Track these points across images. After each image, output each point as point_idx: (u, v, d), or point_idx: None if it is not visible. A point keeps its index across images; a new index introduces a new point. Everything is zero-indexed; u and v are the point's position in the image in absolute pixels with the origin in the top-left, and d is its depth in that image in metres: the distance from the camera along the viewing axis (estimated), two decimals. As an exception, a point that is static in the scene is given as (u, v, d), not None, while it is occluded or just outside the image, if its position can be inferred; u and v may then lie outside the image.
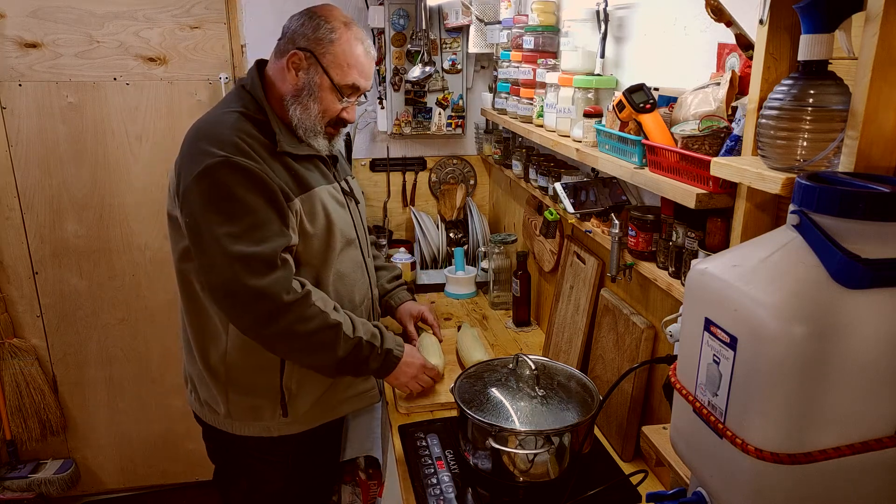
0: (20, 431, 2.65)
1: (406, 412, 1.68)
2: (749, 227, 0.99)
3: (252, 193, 1.35)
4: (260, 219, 1.36)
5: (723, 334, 0.69)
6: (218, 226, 1.34)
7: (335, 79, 1.47)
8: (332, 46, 1.46)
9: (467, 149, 2.80)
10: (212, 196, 1.35)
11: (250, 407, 1.51)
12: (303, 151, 1.49)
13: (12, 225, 2.50)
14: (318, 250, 1.49)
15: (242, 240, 1.34)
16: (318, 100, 1.47)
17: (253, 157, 1.37)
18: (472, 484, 1.38)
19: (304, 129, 1.48)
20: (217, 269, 1.36)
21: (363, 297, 1.63)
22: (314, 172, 1.52)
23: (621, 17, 1.55)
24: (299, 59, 1.46)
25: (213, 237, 1.34)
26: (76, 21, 2.38)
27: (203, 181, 1.35)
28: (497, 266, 2.30)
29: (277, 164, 1.43)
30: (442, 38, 2.56)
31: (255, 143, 1.40)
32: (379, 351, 1.51)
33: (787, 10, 0.88)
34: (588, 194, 1.61)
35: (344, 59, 1.47)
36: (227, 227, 1.34)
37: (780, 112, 0.82)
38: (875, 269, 0.61)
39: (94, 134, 2.49)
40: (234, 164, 1.34)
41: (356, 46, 1.48)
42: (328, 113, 1.50)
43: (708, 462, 0.75)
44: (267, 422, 1.53)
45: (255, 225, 1.35)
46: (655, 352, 1.42)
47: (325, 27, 1.46)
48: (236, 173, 1.35)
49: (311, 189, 1.47)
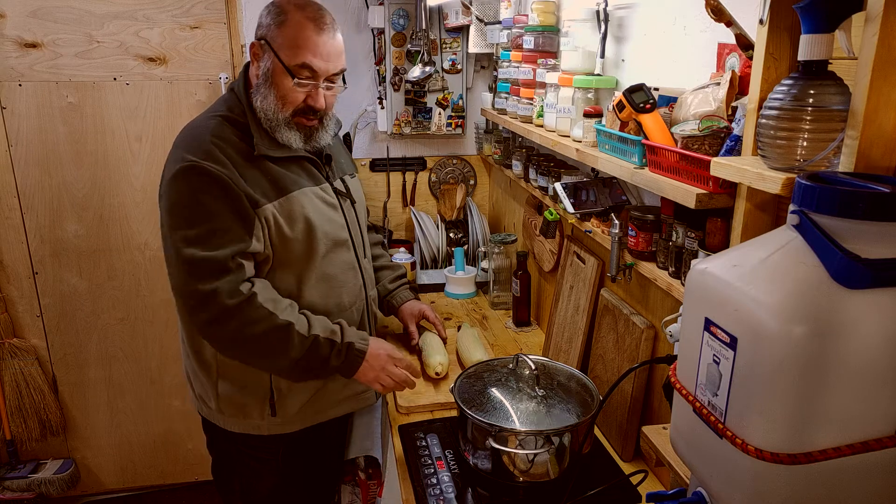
0: (20, 431, 2.65)
1: (406, 412, 1.68)
2: (749, 227, 0.99)
3: (214, 199, 1.36)
4: (219, 224, 1.37)
5: (723, 334, 0.69)
6: (178, 230, 1.38)
7: (284, 60, 1.42)
8: (280, 29, 1.42)
9: (467, 149, 2.80)
10: (176, 200, 1.38)
11: (240, 404, 1.52)
12: (282, 154, 1.47)
13: (12, 225, 2.50)
14: (299, 253, 1.47)
15: (196, 244, 1.36)
16: (274, 86, 1.43)
17: (223, 162, 1.38)
18: (472, 484, 1.38)
19: (268, 121, 1.45)
20: (173, 272, 1.40)
21: (354, 298, 1.61)
22: (298, 174, 1.50)
23: (621, 17, 1.55)
24: (256, 48, 1.45)
25: (173, 241, 1.38)
26: (76, 21, 2.38)
27: (172, 186, 1.39)
28: (497, 266, 2.30)
29: (254, 169, 1.42)
30: (442, 38, 2.56)
31: (230, 149, 1.40)
32: (339, 346, 1.46)
33: (787, 10, 0.88)
34: (588, 194, 1.61)
35: (293, 39, 1.41)
36: (186, 231, 1.37)
37: (780, 112, 0.82)
38: (875, 269, 0.61)
39: (94, 134, 2.49)
40: (200, 169, 1.36)
41: (307, 25, 1.42)
42: (288, 99, 1.44)
43: (708, 462, 0.75)
44: (256, 420, 1.53)
45: (213, 230, 1.37)
46: (655, 352, 1.42)
47: (276, 11, 1.44)
48: (201, 178, 1.36)
49: (290, 192, 1.45)
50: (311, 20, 1.43)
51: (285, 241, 1.45)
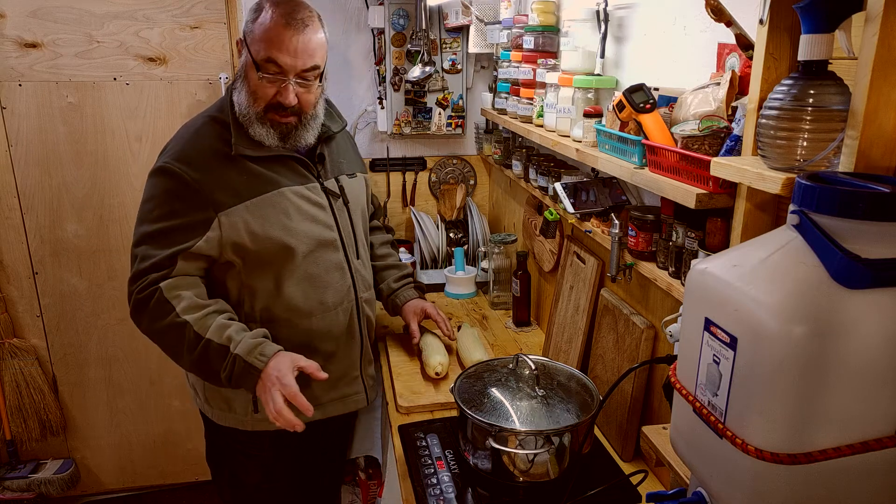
0: (20, 431, 2.65)
1: (406, 412, 1.68)
2: (749, 227, 0.99)
3: (174, 198, 1.42)
4: (169, 224, 1.42)
5: (723, 334, 0.69)
6: (139, 223, 1.46)
7: (253, 54, 1.44)
8: (254, 25, 1.45)
9: (467, 149, 2.80)
10: (145, 197, 1.47)
11: (225, 397, 1.55)
12: (261, 153, 1.48)
13: (12, 225, 2.50)
14: (273, 252, 1.48)
15: (146, 240, 1.43)
16: (245, 80, 1.46)
17: (194, 163, 1.43)
18: (472, 484, 1.38)
19: (242, 117, 1.47)
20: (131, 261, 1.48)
21: (340, 299, 1.58)
22: (279, 174, 1.50)
23: (621, 17, 1.55)
24: (239, 45, 1.49)
25: (135, 232, 1.47)
26: (76, 21, 2.38)
27: (147, 184, 1.48)
28: (497, 266, 2.30)
29: (231, 169, 1.45)
30: (442, 38, 2.56)
31: (207, 150, 1.45)
32: (230, 357, 1.37)
33: (787, 10, 0.88)
34: (588, 194, 1.61)
35: (263, 34, 1.43)
36: (143, 227, 1.45)
37: (780, 112, 0.82)
38: (875, 269, 0.61)
39: (94, 134, 2.50)
40: (167, 169, 1.43)
41: (278, 21, 1.42)
42: (258, 94, 1.45)
43: (708, 462, 0.75)
44: (240, 415, 1.55)
45: (163, 230, 1.42)
46: (655, 352, 1.42)
47: (254, 8, 1.47)
48: (165, 178, 1.43)
49: (265, 193, 1.47)
50: (283, 16, 1.43)
51: (257, 240, 1.46)
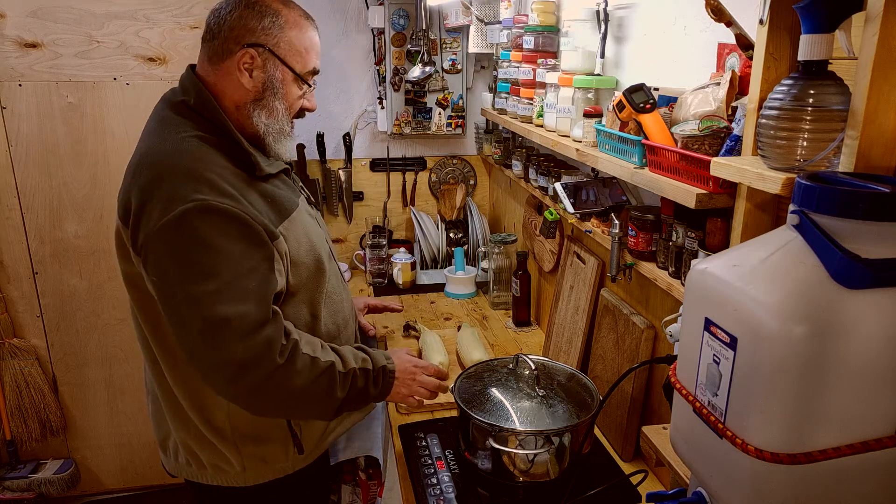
0: (20, 431, 2.65)
1: (406, 412, 1.68)
2: (749, 227, 0.99)
3: (234, 240, 1.15)
4: (244, 268, 1.16)
5: (723, 334, 0.69)
6: (195, 284, 1.13)
7: (297, 68, 1.30)
8: (283, 33, 1.28)
9: (467, 149, 2.81)
10: (185, 249, 1.14)
11: (263, 455, 1.37)
12: (276, 168, 1.33)
13: (12, 225, 2.50)
14: (307, 277, 1.33)
15: (224, 297, 1.14)
16: (284, 96, 1.31)
17: (231, 194, 1.17)
18: (472, 484, 1.38)
19: (273, 134, 1.31)
20: (195, 339, 1.15)
21: (350, 306, 1.54)
22: (286, 191, 1.35)
23: (621, 17, 1.55)
24: (251, 56, 1.26)
25: (190, 299, 1.13)
26: (76, 21, 2.38)
27: (173, 232, 1.13)
28: (497, 266, 2.30)
29: (254, 194, 1.24)
30: (442, 38, 2.56)
31: (228, 175, 1.20)
32: (373, 373, 1.35)
33: (787, 10, 0.88)
34: (588, 194, 1.61)
35: (300, 44, 1.30)
36: (206, 285, 1.13)
37: (780, 112, 0.82)
38: (875, 269, 0.61)
39: (94, 134, 2.49)
40: (211, 208, 1.14)
41: (307, 27, 1.32)
42: (293, 108, 1.34)
43: (708, 462, 0.75)
44: (282, 463, 1.39)
45: (239, 276, 1.15)
46: (655, 352, 1.42)
47: (268, 13, 1.27)
48: (214, 218, 1.14)
49: (291, 213, 1.31)
50: (304, 18, 1.33)
51: (297, 266, 1.30)
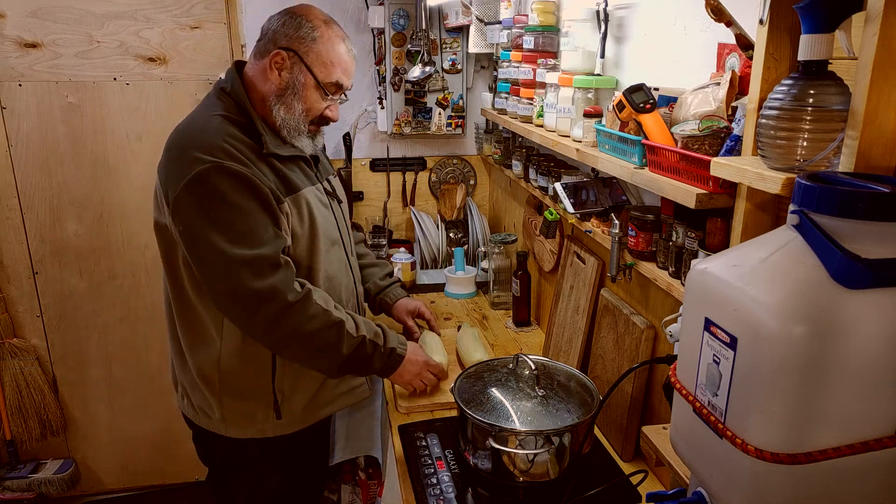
0: (20, 431, 2.65)
1: (406, 412, 1.68)
2: (749, 227, 0.99)
3: (245, 198, 1.36)
4: (256, 223, 1.37)
5: (723, 334, 0.69)
6: (215, 233, 1.34)
7: (319, 77, 1.47)
8: (314, 45, 1.46)
9: (467, 149, 2.80)
10: (205, 203, 1.35)
11: (244, 412, 1.53)
12: (287, 152, 1.49)
13: (12, 225, 2.50)
14: (304, 252, 1.49)
15: (241, 244, 1.35)
16: (303, 99, 1.48)
17: (242, 160, 1.37)
18: (472, 484, 1.38)
19: (288, 128, 1.48)
20: (220, 276, 1.36)
21: (350, 295, 1.65)
22: (298, 174, 1.51)
23: (621, 17, 1.55)
24: (282, 58, 1.46)
25: (212, 244, 1.34)
26: (76, 21, 2.38)
27: (195, 188, 1.34)
28: (497, 266, 2.30)
29: (264, 166, 1.42)
30: (442, 38, 2.56)
31: (242, 147, 1.40)
32: (382, 349, 1.52)
33: (787, 10, 0.88)
34: (588, 194, 1.61)
35: (327, 57, 1.47)
36: (225, 233, 1.35)
37: (780, 112, 0.82)
38: (875, 269, 0.61)
39: (94, 134, 2.50)
40: (226, 168, 1.34)
41: (339, 44, 1.49)
42: (312, 112, 1.50)
43: (708, 462, 0.75)
44: (261, 424, 1.54)
45: (252, 229, 1.36)
46: (655, 352, 1.42)
47: (306, 26, 1.46)
48: (228, 178, 1.35)
49: (298, 191, 1.47)
50: (340, 39, 1.50)
51: (295, 238, 1.47)
